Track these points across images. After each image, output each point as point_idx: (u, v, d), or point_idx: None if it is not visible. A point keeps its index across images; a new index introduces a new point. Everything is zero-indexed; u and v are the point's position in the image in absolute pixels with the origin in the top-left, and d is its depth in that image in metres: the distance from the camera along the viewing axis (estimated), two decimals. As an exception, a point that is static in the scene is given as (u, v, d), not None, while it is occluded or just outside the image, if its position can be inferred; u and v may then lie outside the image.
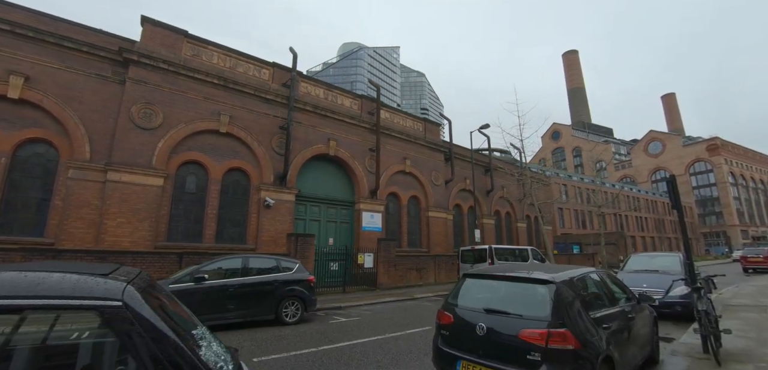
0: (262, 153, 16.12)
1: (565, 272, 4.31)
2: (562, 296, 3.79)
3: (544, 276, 4.05)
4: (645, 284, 9.59)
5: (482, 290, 4.49)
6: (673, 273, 9.93)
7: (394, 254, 17.50)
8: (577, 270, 4.56)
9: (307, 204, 17.76)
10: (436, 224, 22.22)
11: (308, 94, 18.43)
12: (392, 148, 20.96)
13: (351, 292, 15.78)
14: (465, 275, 4.75)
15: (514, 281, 4.24)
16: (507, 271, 4.54)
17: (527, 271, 4.39)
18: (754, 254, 27.32)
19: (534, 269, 4.47)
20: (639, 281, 9.79)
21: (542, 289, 3.93)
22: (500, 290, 4.32)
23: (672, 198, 6.62)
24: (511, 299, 4.11)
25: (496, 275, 4.47)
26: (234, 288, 8.30)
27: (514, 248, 17.33)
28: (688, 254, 6.86)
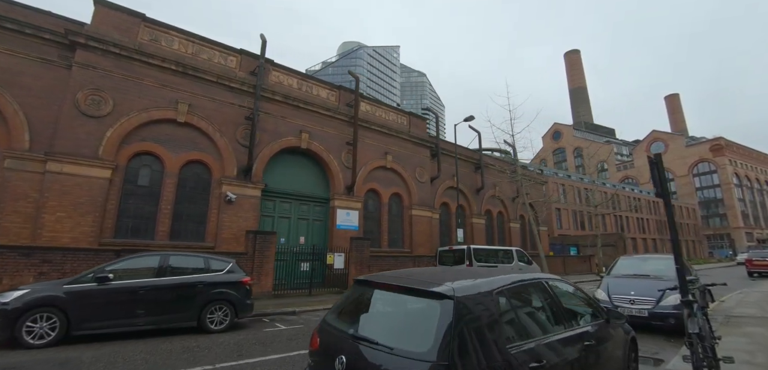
0: (224, 145, 15.00)
1: (484, 280, 3.08)
2: (462, 319, 2.53)
3: (440, 288, 2.75)
4: (633, 292, 8.36)
5: (368, 304, 3.24)
6: (667, 279, 8.57)
7: (368, 255, 16.30)
8: (506, 278, 3.28)
9: (277, 200, 16.61)
10: (420, 223, 21.01)
11: (280, 84, 17.30)
12: (372, 142, 19.79)
13: (318, 295, 14.63)
14: (356, 281, 3.51)
15: (402, 293, 2.95)
16: (401, 277, 3.27)
17: (430, 278, 3.15)
18: (760, 257, 25.81)
19: (449, 277, 3.25)
20: (626, 288, 8.60)
21: (432, 307, 2.66)
22: (383, 306, 3.11)
23: (656, 182, 5.36)
24: (387, 321, 2.94)
25: (386, 284, 3.17)
26: (145, 290, 7.14)
27: (498, 249, 16.11)
28: (678, 255, 5.53)
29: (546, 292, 3.62)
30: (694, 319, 4.75)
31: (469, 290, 2.77)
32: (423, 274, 3.44)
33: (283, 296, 13.77)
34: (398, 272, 3.55)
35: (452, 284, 2.75)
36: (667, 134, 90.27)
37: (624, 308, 8.22)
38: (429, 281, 2.96)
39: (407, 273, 3.47)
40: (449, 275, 3.28)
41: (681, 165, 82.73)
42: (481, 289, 2.86)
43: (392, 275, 3.39)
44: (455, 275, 3.21)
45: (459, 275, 3.24)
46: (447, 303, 2.58)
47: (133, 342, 6.75)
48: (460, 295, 2.66)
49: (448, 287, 2.70)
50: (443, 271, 3.69)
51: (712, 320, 9.16)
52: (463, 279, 2.98)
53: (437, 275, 3.27)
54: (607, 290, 8.84)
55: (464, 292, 2.71)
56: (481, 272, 3.51)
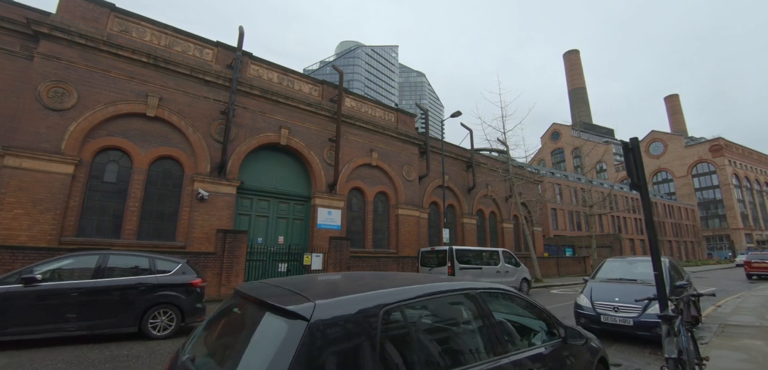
0: (197, 140, 14.38)
1: (376, 292, 2.29)
2: (316, 349, 1.80)
3: (294, 304, 1.98)
4: (617, 298, 7.65)
5: (229, 322, 2.53)
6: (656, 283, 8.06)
7: (348, 255, 15.66)
8: (407, 290, 2.43)
9: (254, 198, 15.98)
10: (407, 223, 20.38)
11: (259, 78, 16.69)
12: (357, 139, 19.17)
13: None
14: (236, 291, 2.73)
15: (260, 308, 2.18)
16: (269, 287, 2.54)
17: (304, 287, 2.46)
18: (759, 259, 24.97)
19: (336, 286, 2.57)
20: (610, 294, 7.89)
21: (278, 329, 1.92)
22: (238, 325, 2.39)
23: (632, 170, 4.71)
24: (224, 349, 2.23)
25: (245, 295, 2.47)
26: (79, 293, 6.52)
27: (482, 250, 15.44)
28: (656, 258, 4.78)
29: (477, 306, 2.81)
30: (672, 339, 4.02)
31: (338, 307, 2.02)
32: (308, 282, 2.76)
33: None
34: (282, 280, 2.83)
35: (318, 300, 2.01)
36: (667, 134, 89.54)
37: (607, 316, 7.57)
38: (298, 291, 2.28)
39: (293, 281, 2.77)
40: (342, 283, 2.63)
41: (680, 166, 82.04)
42: (361, 305, 2.09)
43: (269, 283, 2.69)
44: (348, 285, 2.55)
45: (353, 285, 2.57)
46: (296, 326, 1.84)
47: (58, 349, 6.14)
48: (321, 315, 1.92)
49: (306, 305, 1.95)
50: (345, 278, 3.00)
51: (704, 329, 8.45)
52: (348, 293, 2.25)
53: (320, 284, 2.60)
54: (590, 295, 8.16)
55: (328, 310, 1.96)
56: (393, 280, 2.84)
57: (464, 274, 13.51)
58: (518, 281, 15.69)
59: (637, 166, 4.66)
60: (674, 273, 8.69)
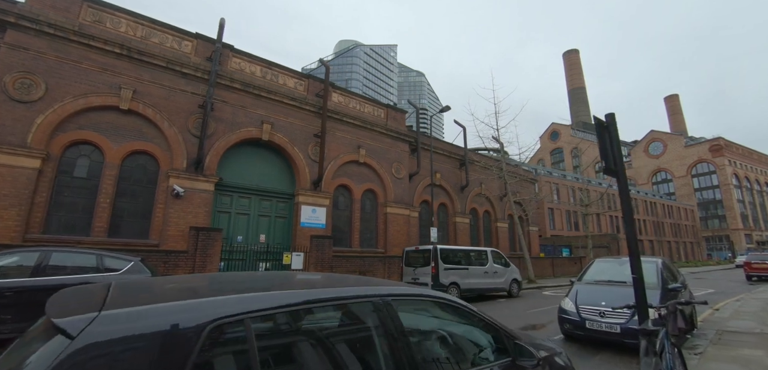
0: (173, 135, 13.86)
1: (198, 301, 1.65)
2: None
3: (64, 315, 1.39)
4: (603, 302, 6.98)
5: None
6: (647, 285, 7.33)
7: (331, 254, 15.13)
8: (262, 296, 1.80)
9: (234, 195, 15.46)
10: (396, 222, 19.85)
11: (241, 71, 16.16)
12: (344, 135, 18.64)
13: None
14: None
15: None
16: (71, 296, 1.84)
17: (120, 291, 1.84)
18: (759, 260, 24.28)
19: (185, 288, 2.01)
20: (596, 298, 7.21)
21: (34, 348, 1.37)
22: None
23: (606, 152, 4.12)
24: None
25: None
26: (13, 293, 6.01)
27: (470, 250, 14.89)
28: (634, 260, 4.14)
29: (382, 319, 2.10)
30: (651, 359, 3.38)
31: (132, 320, 1.43)
32: (166, 284, 2.17)
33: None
34: (160, 280, 2.30)
35: (107, 310, 1.43)
36: (666, 134, 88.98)
37: (593, 322, 6.96)
38: (116, 295, 1.70)
39: (169, 282, 2.22)
40: (204, 286, 2.06)
41: (680, 166, 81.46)
42: (174, 318, 1.49)
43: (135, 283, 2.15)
44: (211, 286, 2.00)
45: (219, 285, 2.02)
46: (54, 345, 1.29)
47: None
48: (100, 331, 1.34)
49: (79, 317, 1.37)
50: (232, 278, 2.41)
51: (699, 337, 7.77)
52: (174, 299, 1.67)
53: (173, 288, 2.01)
54: (575, 299, 7.50)
55: (114, 325, 1.38)
56: (292, 281, 2.29)
57: (449, 274, 12.98)
58: (508, 282, 15.17)
59: (613, 147, 4.12)
60: (667, 275, 8.04)
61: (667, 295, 7.11)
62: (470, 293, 13.70)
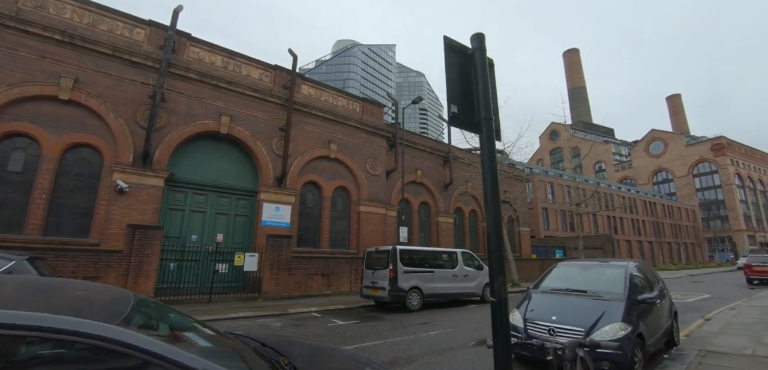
0: (119, 127, 12.97)
1: None
2: None
3: None
4: (555, 317, 5.82)
5: None
6: (610, 296, 6.05)
7: (289, 255, 14.20)
8: None
9: (189, 192, 14.55)
10: (371, 221, 18.89)
11: (199, 61, 15.26)
12: (314, 130, 17.70)
13: (221, 302, 12.59)
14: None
15: None
16: None
17: None
18: (760, 262, 22.78)
19: None
20: (547, 311, 6.06)
21: None
22: None
23: (451, 83, 2.64)
24: None
25: None
26: None
27: (435, 250, 13.82)
28: (494, 260, 3.07)
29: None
30: None
31: None
32: None
33: (172, 304, 11.66)
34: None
35: None
36: (667, 133, 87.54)
37: (541, 341, 5.66)
38: None
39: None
40: None
41: (681, 165, 79.98)
42: None
43: None
44: None
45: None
46: None
47: None
48: None
49: None
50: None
51: (677, 358, 6.63)
52: None
53: None
54: (524, 312, 6.27)
55: None
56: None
57: (410, 278, 11.94)
58: (481, 287, 14.13)
59: (480, 85, 2.61)
60: (641, 282, 6.84)
61: (634, 308, 5.84)
62: (436, 298, 12.65)
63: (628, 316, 5.55)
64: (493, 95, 2.74)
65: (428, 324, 9.58)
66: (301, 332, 8.49)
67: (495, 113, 2.72)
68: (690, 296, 17.25)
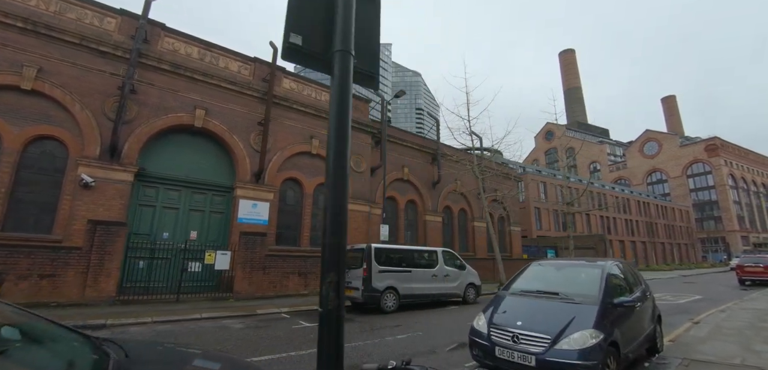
0: (86, 119, 12.44)
1: None
2: None
3: None
4: (520, 322, 5.24)
5: None
6: (583, 299, 5.49)
7: (263, 253, 13.72)
8: None
9: (161, 187, 14.03)
10: (355, 220, 18.42)
11: (174, 52, 14.74)
12: (294, 124, 17.22)
13: (190, 301, 12.08)
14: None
15: None
16: None
17: None
18: (753, 262, 22.41)
19: None
20: (513, 315, 5.47)
21: None
22: None
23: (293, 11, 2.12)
24: None
25: None
26: None
27: (413, 250, 13.29)
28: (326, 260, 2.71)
29: None
30: None
31: None
32: None
33: (135, 303, 11.18)
34: None
35: None
36: (661, 134, 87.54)
37: (503, 350, 5.18)
38: None
39: None
40: None
41: (675, 166, 79.96)
42: None
43: None
44: None
45: None
46: None
47: None
48: None
49: None
50: None
51: (658, 365, 6.21)
52: None
53: None
54: (490, 316, 5.68)
55: None
56: None
57: (385, 277, 11.47)
58: (462, 287, 13.69)
59: (342, 5, 1.92)
60: (620, 283, 6.31)
61: (609, 313, 5.29)
62: (413, 299, 12.17)
63: (601, 322, 5.03)
64: (371, 32, 2.14)
65: (400, 327, 9.13)
66: (259, 335, 8.01)
67: (372, 56, 2.12)
68: (681, 297, 16.87)
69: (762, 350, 6.82)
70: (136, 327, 8.34)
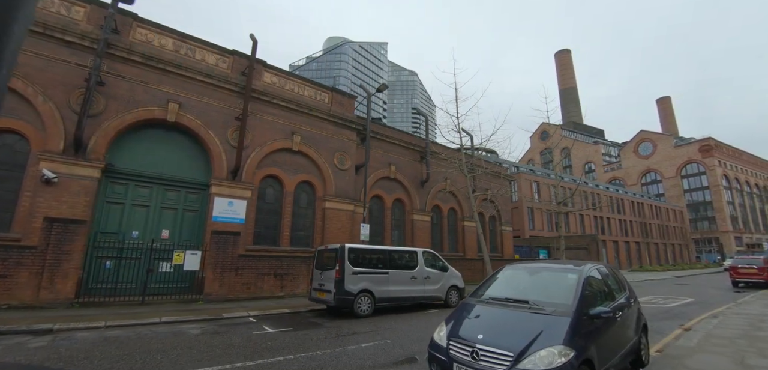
0: (49, 111, 11.85)
1: None
2: None
3: None
4: (482, 335, 4.63)
5: None
6: (555, 309, 4.87)
7: (236, 253, 13.18)
8: None
9: (130, 184, 13.44)
10: (337, 219, 17.89)
11: (147, 43, 14.16)
12: (274, 120, 16.66)
13: (156, 303, 11.55)
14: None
15: None
16: None
17: None
18: (746, 264, 21.96)
19: None
20: (476, 327, 4.88)
21: None
22: None
23: None
24: None
25: None
26: None
27: (392, 250, 12.54)
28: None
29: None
30: None
31: None
32: None
33: (96, 305, 10.63)
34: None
35: None
36: (656, 134, 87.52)
37: (461, 366, 4.58)
38: None
39: None
40: None
41: (669, 166, 79.96)
42: None
43: None
44: None
45: None
46: None
47: None
48: None
49: None
50: None
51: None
52: None
53: None
54: (450, 328, 5.11)
55: None
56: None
57: (359, 280, 10.93)
58: (444, 290, 13.17)
59: None
60: (602, 289, 5.74)
61: (583, 325, 4.66)
62: (390, 302, 11.58)
63: (573, 337, 4.41)
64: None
65: (370, 334, 8.59)
66: (211, 342, 7.47)
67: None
68: (671, 300, 16.42)
69: (756, 364, 6.26)
70: (85, 332, 7.78)
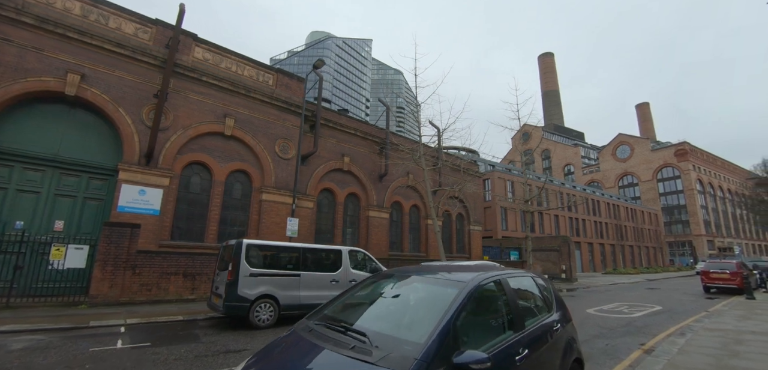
0: None
1: None
2: None
3: None
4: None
5: None
6: (398, 351, 2.62)
7: (134, 249, 11.42)
8: None
9: (17, 166, 11.54)
10: (276, 213, 16.23)
11: (48, 5, 12.25)
12: (204, 100, 14.91)
13: (22, 307, 9.73)
14: None
15: None
16: None
17: None
18: (718, 268, 20.95)
19: None
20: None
21: None
22: None
23: None
24: None
25: None
26: None
27: (305, 248, 10.66)
28: None
29: None
30: None
31: None
32: None
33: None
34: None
35: None
36: (633, 138, 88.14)
37: None
38: None
39: None
40: None
41: (646, 170, 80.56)
42: None
43: None
44: None
45: None
46: None
47: None
48: None
49: None
50: None
51: None
52: None
53: None
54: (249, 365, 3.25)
55: None
56: None
57: (259, 283, 9.20)
58: (379, 290, 11.62)
59: None
60: (497, 308, 3.71)
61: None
62: (301, 311, 9.51)
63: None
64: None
65: (250, 352, 6.92)
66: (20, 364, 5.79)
67: None
68: (637, 308, 14.39)
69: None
70: None
